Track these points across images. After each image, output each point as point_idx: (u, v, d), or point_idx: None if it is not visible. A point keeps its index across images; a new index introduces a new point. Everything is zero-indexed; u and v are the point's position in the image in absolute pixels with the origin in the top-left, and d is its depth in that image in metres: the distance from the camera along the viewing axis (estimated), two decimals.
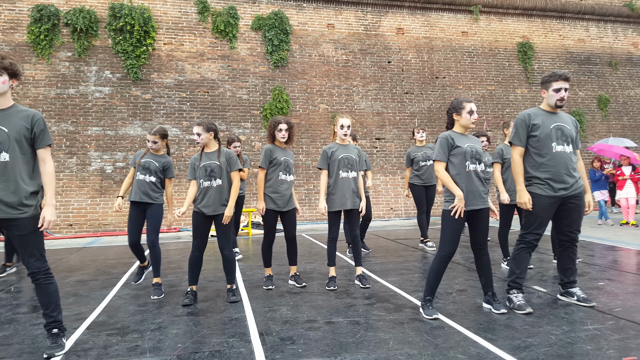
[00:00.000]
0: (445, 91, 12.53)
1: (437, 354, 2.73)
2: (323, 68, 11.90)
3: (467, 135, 3.64)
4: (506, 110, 12.85)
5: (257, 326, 3.37)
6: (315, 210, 11.36)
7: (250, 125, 11.31)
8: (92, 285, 4.98)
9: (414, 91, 12.37)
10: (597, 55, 13.98)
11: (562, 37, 13.83)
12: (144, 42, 10.81)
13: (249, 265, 5.85)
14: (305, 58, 11.85)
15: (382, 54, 12.33)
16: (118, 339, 3.19)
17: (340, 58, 12.05)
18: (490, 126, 12.62)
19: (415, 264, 5.60)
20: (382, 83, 12.20)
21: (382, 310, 3.68)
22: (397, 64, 12.39)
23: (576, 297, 3.73)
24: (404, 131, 12.15)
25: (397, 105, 12.20)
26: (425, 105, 12.37)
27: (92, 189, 10.32)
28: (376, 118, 12.01)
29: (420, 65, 12.54)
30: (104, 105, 10.60)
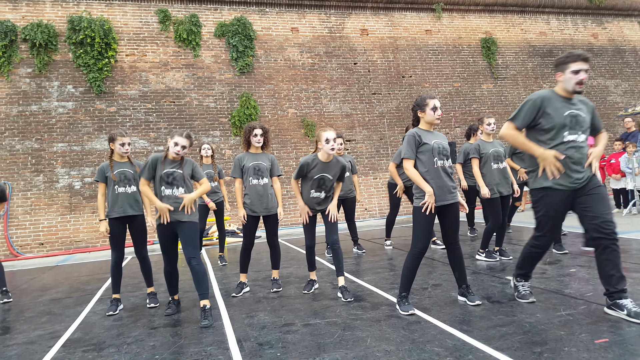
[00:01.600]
0: (412, 90, 12.73)
1: (415, 348, 2.78)
2: (289, 72, 11.93)
3: (433, 131, 3.68)
4: (473, 105, 13.15)
5: (235, 333, 3.35)
6: (291, 215, 11.36)
7: (219, 134, 11.23)
8: (66, 302, 4.87)
9: (381, 91, 12.52)
10: (559, 47, 14.45)
11: (524, 31, 14.25)
12: (105, 55, 10.61)
13: (225, 274, 5.81)
14: (271, 63, 11.86)
15: (348, 55, 12.46)
16: (94, 355, 3.13)
17: (306, 61, 12.10)
18: (458, 122, 12.89)
19: (391, 262, 5.68)
20: (350, 85, 12.31)
21: (359, 309, 3.72)
22: (363, 65, 12.53)
23: (626, 310, 3.01)
24: (374, 132, 12.28)
25: (366, 106, 12.33)
26: (394, 105, 12.55)
27: (62, 206, 10.05)
28: (345, 120, 12.11)
29: (386, 65, 12.71)
30: (69, 120, 10.35)
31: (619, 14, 15.31)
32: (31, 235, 9.82)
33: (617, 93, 14.58)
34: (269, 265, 6.01)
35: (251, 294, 4.56)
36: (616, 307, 3.07)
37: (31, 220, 9.86)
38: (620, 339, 2.65)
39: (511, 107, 13.42)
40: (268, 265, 6.00)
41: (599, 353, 2.47)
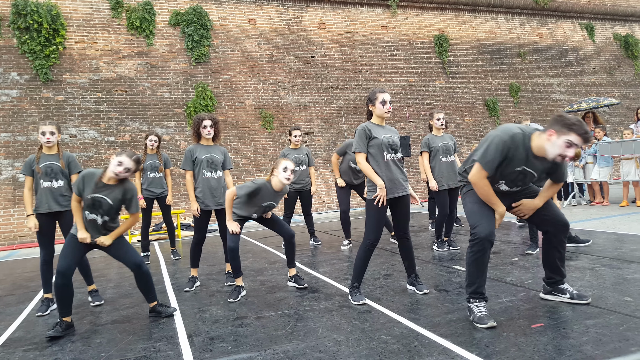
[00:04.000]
0: (368, 84, 12.91)
1: (364, 337, 2.86)
2: (247, 64, 11.80)
3: (384, 126, 3.74)
4: (426, 101, 13.49)
5: (186, 328, 3.33)
6: None
7: (174, 124, 10.98)
8: (7, 300, 4.66)
9: (338, 85, 12.62)
10: (507, 45, 15.05)
11: (474, 29, 14.73)
12: (53, 41, 10.11)
13: (178, 268, 5.73)
14: (228, 54, 11.68)
15: (306, 48, 12.45)
16: (36, 354, 3.04)
17: (264, 53, 12.01)
18: (412, 117, 13.20)
19: (345, 254, 5.78)
20: (308, 78, 12.33)
21: (312, 300, 3.78)
22: (321, 59, 12.57)
23: (569, 294, 3.21)
24: (332, 125, 12.38)
25: (324, 99, 12.40)
26: (351, 99, 12.68)
27: (5, 199, 9.54)
28: (303, 113, 12.13)
29: (343, 60, 12.81)
30: (12, 109, 9.80)
31: (562, 15, 16.12)
32: None
33: (560, 90, 15.37)
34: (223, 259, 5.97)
35: (204, 288, 4.53)
36: (558, 291, 3.24)
37: None
38: (555, 323, 2.83)
39: (462, 102, 13.87)
40: (222, 259, 5.97)
41: (534, 337, 2.63)
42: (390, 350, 2.62)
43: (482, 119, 14.08)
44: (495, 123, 14.15)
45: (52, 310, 4.05)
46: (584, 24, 16.44)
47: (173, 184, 10.25)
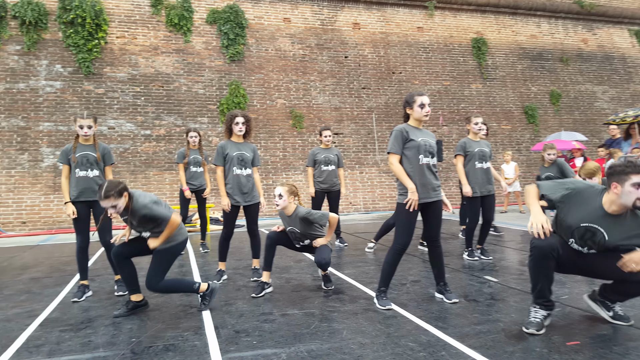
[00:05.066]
0: (401, 86, 12.79)
1: (389, 342, 2.82)
2: (280, 62, 11.89)
3: (422, 129, 3.67)
4: (461, 105, 13.26)
5: (213, 320, 3.39)
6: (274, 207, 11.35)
7: (207, 120, 11.18)
8: (45, 282, 4.85)
9: (371, 86, 12.56)
10: (549, 51, 14.60)
11: (514, 33, 14.37)
12: (95, 36, 10.46)
13: (206, 261, 5.83)
14: (262, 52, 11.80)
15: (339, 48, 12.45)
16: (71, 335, 3.15)
17: (297, 53, 12.07)
18: (445, 121, 13.00)
19: (371, 257, 5.75)
20: (340, 78, 12.32)
21: (337, 301, 3.77)
22: (354, 59, 12.54)
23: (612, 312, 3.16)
24: (362, 126, 12.33)
25: (355, 100, 12.36)
26: (383, 101, 12.60)
27: (46, 185, 9.94)
28: (334, 113, 12.13)
29: (377, 61, 12.74)
30: (56, 100, 10.20)
31: (609, 20, 15.52)
32: (14, 214, 9.71)
33: (604, 99, 14.81)
34: (250, 254, 6.04)
35: (231, 282, 4.59)
36: (604, 305, 3.15)
37: (14, 199, 9.74)
38: (592, 342, 2.72)
39: (499, 108, 13.57)
40: (249, 254, 6.00)
41: (569, 355, 2.53)
42: (416, 358, 2.58)
43: (520, 126, 13.73)
44: (534, 130, 13.75)
45: (87, 297, 4.17)
46: (634, 30, 15.78)
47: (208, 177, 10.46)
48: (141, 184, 10.48)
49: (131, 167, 10.42)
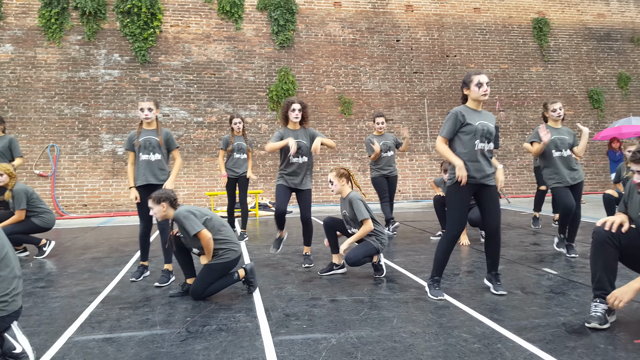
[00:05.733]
0: (456, 70, 12.33)
1: (441, 332, 2.75)
2: (329, 48, 11.77)
3: (481, 111, 3.47)
4: (520, 89, 12.62)
5: (263, 302, 3.43)
6: (322, 193, 11.38)
7: (256, 107, 11.29)
8: (105, 262, 5.11)
9: (423, 70, 12.19)
10: (618, 31, 13.55)
11: (580, 12, 13.43)
12: (151, 25, 10.79)
13: (255, 245, 5.91)
14: (312, 38, 11.72)
15: (391, 32, 12.14)
16: (130, 312, 3.29)
17: (347, 37, 11.89)
18: (502, 106, 12.43)
19: (422, 246, 5.61)
20: (390, 62, 12.04)
21: (387, 289, 3.71)
22: (405, 43, 12.20)
23: None
24: (413, 112, 12.02)
25: (406, 85, 12.05)
26: (435, 85, 12.21)
27: (105, 170, 10.46)
28: (384, 99, 11.90)
29: (430, 44, 12.33)
30: (114, 88, 10.65)
31: None
32: (75, 197, 10.30)
33: None
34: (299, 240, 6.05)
35: (280, 267, 4.63)
36: None
37: (76, 182, 10.33)
38: None
39: (561, 92, 12.80)
40: (298, 240, 6.04)
41: (637, 353, 2.37)
42: (471, 350, 2.49)
43: (583, 111, 12.90)
44: (599, 116, 12.87)
45: (144, 277, 4.33)
46: None
47: (253, 165, 10.60)
48: (194, 170, 10.79)
49: (184, 153, 10.73)
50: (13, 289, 2.34)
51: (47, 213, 5.46)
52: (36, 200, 5.38)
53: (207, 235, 3.44)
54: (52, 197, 10.09)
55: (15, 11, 10.33)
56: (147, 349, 2.62)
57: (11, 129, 10.01)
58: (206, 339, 2.73)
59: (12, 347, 2.30)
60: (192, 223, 3.41)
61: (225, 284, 3.62)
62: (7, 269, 2.33)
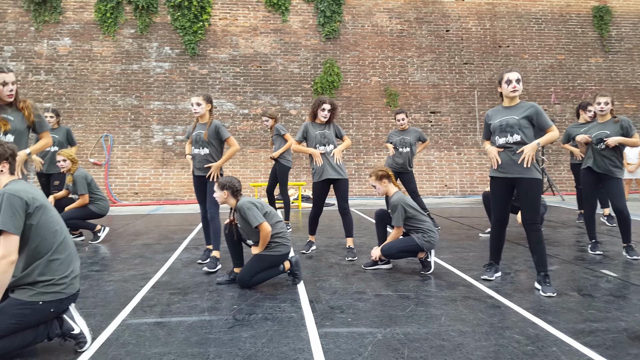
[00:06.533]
0: (509, 61, 11.83)
1: (492, 332, 2.65)
2: (376, 39, 11.59)
3: (512, 106, 3.60)
4: (577, 81, 11.96)
5: (307, 294, 3.42)
6: (365, 186, 11.28)
7: (301, 100, 11.30)
8: (156, 248, 5.28)
9: (474, 61, 11.78)
10: None
11: None
12: (200, 18, 11.01)
13: (299, 237, 5.93)
14: (358, 29, 11.58)
15: (440, 22, 11.80)
16: (179, 298, 3.37)
17: (395, 28, 11.66)
18: (558, 99, 11.83)
19: (470, 243, 5.43)
20: (439, 53, 11.71)
21: (434, 286, 3.62)
22: (455, 33, 11.82)
23: None
24: (462, 104, 11.66)
25: (455, 76, 11.69)
26: (487, 76, 11.77)
27: (155, 160, 10.83)
28: (432, 90, 11.60)
29: (481, 34, 11.88)
30: (164, 80, 10.98)
31: None
32: (127, 185, 10.73)
33: None
34: (342, 233, 6.05)
35: (323, 259, 4.62)
36: None
37: (128, 171, 10.76)
38: None
39: (622, 84, 12.02)
40: (340, 233, 6.04)
41: None
42: (524, 352, 2.38)
43: None
44: None
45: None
46: None
47: (295, 156, 10.64)
48: (238, 161, 10.98)
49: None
50: (71, 271, 2.44)
51: (103, 200, 5.71)
52: (94, 187, 5.64)
53: (267, 228, 3.54)
54: (106, 185, 10.56)
55: (74, 6, 10.82)
56: (196, 334, 2.68)
57: (68, 119, 10.54)
58: (252, 327, 2.76)
59: (71, 328, 2.40)
60: (255, 214, 3.54)
61: (271, 274, 3.66)
62: (65, 252, 2.43)
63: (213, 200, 4.24)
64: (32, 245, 2.33)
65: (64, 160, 5.48)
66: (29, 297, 2.30)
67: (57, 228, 2.43)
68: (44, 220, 2.36)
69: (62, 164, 5.50)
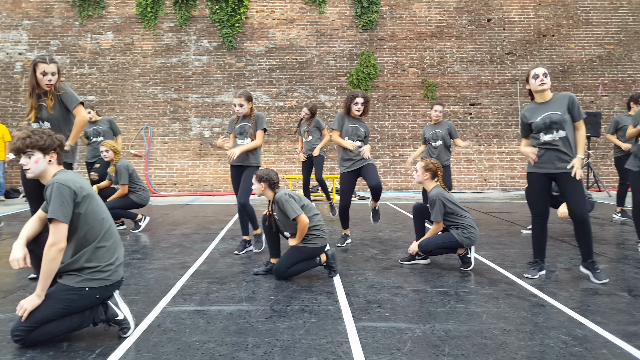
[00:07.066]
0: (553, 51, 11.35)
1: (537, 332, 2.55)
2: (414, 29, 11.35)
3: (546, 102, 3.55)
4: (627, 72, 11.35)
5: (344, 287, 3.40)
6: (401, 180, 11.13)
7: (336, 92, 11.24)
8: (194, 238, 5.38)
9: (516, 51, 11.37)
10: None
11: None
12: (238, 11, 11.10)
13: (333, 229, 5.91)
14: (396, 19, 11.37)
15: (481, 11, 11.43)
16: (218, 287, 3.42)
17: (434, 18, 11.38)
18: (606, 90, 11.27)
19: (512, 239, 5.26)
20: (480, 43, 11.36)
21: (474, 283, 3.52)
22: (497, 22, 11.42)
23: None
24: (503, 96, 11.29)
25: (497, 67, 11.32)
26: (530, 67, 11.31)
27: (193, 152, 11.05)
28: (471, 82, 11.28)
29: (525, 23, 11.44)
30: (202, 73, 11.15)
31: None
32: (166, 176, 11.01)
33: None
34: (376, 227, 6.02)
35: (359, 252, 4.58)
36: None
37: (167, 163, 11.03)
38: None
39: None
40: (375, 227, 5.99)
41: None
42: (571, 353, 2.28)
43: None
44: None
45: (247, 251, 4.60)
46: None
47: (330, 149, 10.61)
48: (273, 153, 11.05)
49: (265, 137, 10.99)
50: (116, 258, 2.51)
51: (144, 191, 5.87)
52: (135, 178, 5.81)
53: (305, 221, 3.54)
54: (145, 176, 10.87)
55: (116, 1, 11.13)
56: (234, 323, 2.70)
57: (110, 111, 10.89)
58: (290, 319, 2.76)
59: (115, 314, 2.47)
60: (293, 206, 3.54)
61: (308, 267, 3.66)
62: (110, 240, 2.50)
63: (246, 188, 4.37)
64: (80, 233, 2.40)
65: (106, 150, 5.68)
66: (76, 283, 2.38)
67: (104, 216, 2.50)
68: (91, 208, 2.43)
69: (105, 154, 5.70)
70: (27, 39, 10.94)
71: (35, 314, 2.30)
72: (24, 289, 3.40)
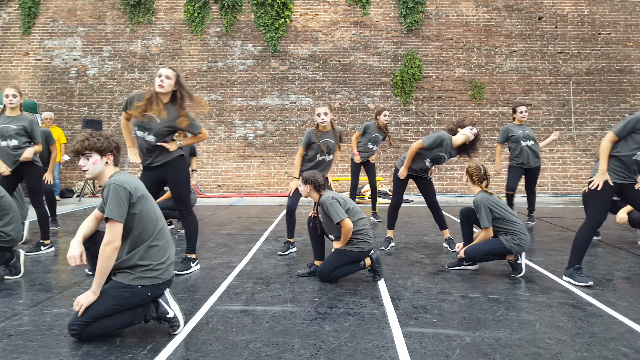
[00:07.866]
0: (609, 49, 10.77)
1: (594, 343, 2.42)
2: (461, 29, 11.09)
3: None
4: None
5: (389, 291, 3.35)
6: (446, 182, 10.88)
7: (379, 94, 11.14)
8: (238, 238, 5.48)
9: (569, 50, 10.86)
10: None
11: None
12: (282, 15, 11.24)
13: (376, 233, 5.84)
14: (442, 19, 11.15)
15: (532, 9, 11.00)
16: (263, 287, 3.46)
17: (482, 17, 11.07)
18: None
19: (565, 246, 5.01)
20: (531, 42, 10.94)
21: (526, 290, 3.38)
22: (549, 20, 10.96)
23: None
24: (555, 97, 10.82)
25: (548, 67, 10.86)
26: (584, 66, 10.81)
27: (237, 154, 11.28)
28: (521, 82, 10.88)
29: (579, 20, 10.92)
30: (247, 77, 11.37)
31: None
32: (212, 177, 11.29)
33: None
34: (421, 230, 5.92)
35: (404, 256, 4.51)
36: None
37: (212, 164, 11.31)
38: None
39: None
40: (420, 230, 5.89)
41: None
42: None
43: None
44: None
45: (290, 252, 4.66)
46: None
47: None
48: None
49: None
50: (167, 257, 2.58)
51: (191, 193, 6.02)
52: None
53: (349, 225, 3.51)
54: None
55: (165, 7, 11.54)
56: (280, 324, 2.72)
57: None
58: (335, 321, 2.75)
59: (166, 312, 2.54)
60: (337, 210, 3.52)
61: (352, 270, 3.63)
62: (163, 239, 2.58)
63: (295, 196, 4.50)
64: (135, 233, 2.49)
65: None
66: (129, 280, 2.47)
67: (157, 216, 2.59)
68: (145, 209, 2.52)
69: None
70: (82, 45, 11.53)
71: (90, 310, 2.41)
72: (80, 285, 3.57)
